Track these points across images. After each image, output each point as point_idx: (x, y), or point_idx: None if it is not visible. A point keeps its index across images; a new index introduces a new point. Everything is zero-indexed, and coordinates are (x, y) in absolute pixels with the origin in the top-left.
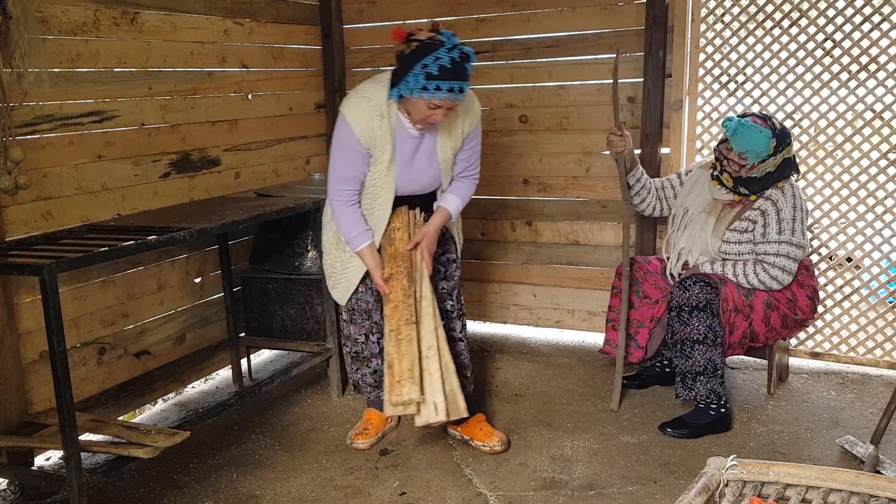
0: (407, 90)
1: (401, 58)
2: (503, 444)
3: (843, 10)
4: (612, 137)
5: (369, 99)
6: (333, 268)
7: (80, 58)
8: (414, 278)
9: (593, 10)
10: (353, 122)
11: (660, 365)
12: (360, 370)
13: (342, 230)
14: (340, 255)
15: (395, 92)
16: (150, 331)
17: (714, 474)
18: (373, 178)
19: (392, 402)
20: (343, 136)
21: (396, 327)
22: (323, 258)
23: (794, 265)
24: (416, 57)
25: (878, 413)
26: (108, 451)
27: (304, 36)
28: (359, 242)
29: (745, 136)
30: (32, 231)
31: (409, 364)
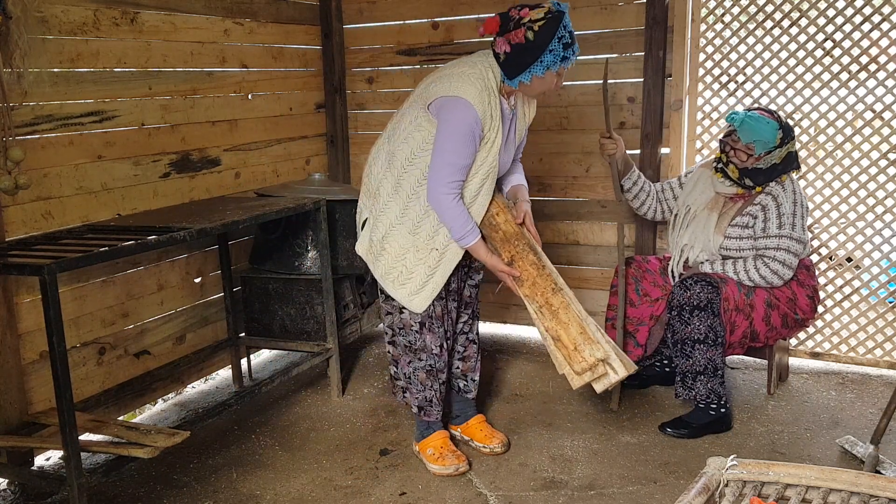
0: (542, 69)
1: (526, 44)
2: (503, 446)
3: (843, 10)
4: (603, 141)
5: (480, 79)
6: (412, 273)
7: (80, 58)
8: (537, 251)
9: (593, 10)
10: (476, 104)
11: (660, 364)
12: (433, 385)
13: (454, 227)
14: (424, 258)
15: (528, 75)
16: (150, 331)
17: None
18: (481, 164)
19: (577, 372)
20: (464, 121)
21: (544, 301)
22: (385, 265)
23: (795, 259)
24: (549, 33)
25: (878, 413)
26: (108, 451)
27: (304, 36)
28: (473, 236)
29: (752, 126)
30: (32, 231)
31: (578, 328)
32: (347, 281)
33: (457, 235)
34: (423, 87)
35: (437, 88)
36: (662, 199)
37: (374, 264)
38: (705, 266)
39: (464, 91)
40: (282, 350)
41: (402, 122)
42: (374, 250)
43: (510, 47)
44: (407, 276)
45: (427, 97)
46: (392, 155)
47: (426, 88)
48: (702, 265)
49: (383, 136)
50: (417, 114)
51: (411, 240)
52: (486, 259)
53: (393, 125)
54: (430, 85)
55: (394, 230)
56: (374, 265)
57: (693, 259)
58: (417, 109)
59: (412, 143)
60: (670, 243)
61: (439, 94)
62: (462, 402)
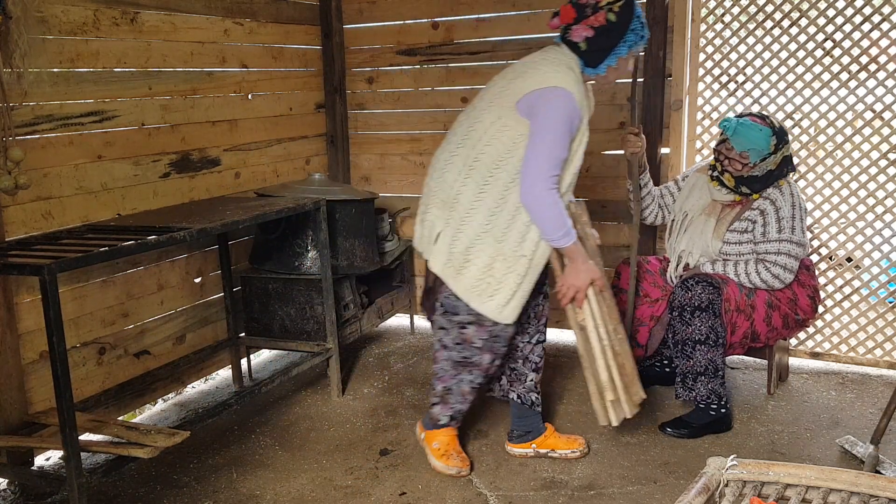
0: (626, 49)
1: (608, 25)
2: (587, 445)
3: (843, 10)
4: (631, 137)
5: (570, 69)
6: (500, 283)
7: (80, 58)
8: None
9: None
10: (576, 94)
11: (660, 364)
12: (471, 400)
13: (554, 226)
14: (513, 266)
15: (613, 58)
16: (150, 331)
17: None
18: (572, 160)
19: (635, 403)
20: (564, 110)
21: (615, 326)
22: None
23: (796, 263)
24: (629, 12)
25: (878, 413)
26: (108, 451)
27: (304, 36)
28: (572, 235)
29: (745, 135)
30: (32, 231)
31: (632, 362)
32: (347, 281)
33: (555, 235)
34: (500, 87)
35: (523, 84)
36: (663, 204)
37: (454, 279)
38: (706, 266)
39: (560, 80)
40: (282, 350)
41: (478, 125)
42: (455, 264)
43: (593, 31)
44: (496, 288)
45: (512, 95)
46: (474, 160)
47: (505, 87)
48: (703, 265)
49: (452, 143)
50: (501, 114)
51: (498, 248)
52: (581, 263)
53: (465, 130)
54: (510, 83)
55: (479, 240)
56: (454, 280)
57: (693, 264)
58: (500, 110)
59: (498, 145)
60: (668, 249)
61: (530, 88)
62: (534, 416)
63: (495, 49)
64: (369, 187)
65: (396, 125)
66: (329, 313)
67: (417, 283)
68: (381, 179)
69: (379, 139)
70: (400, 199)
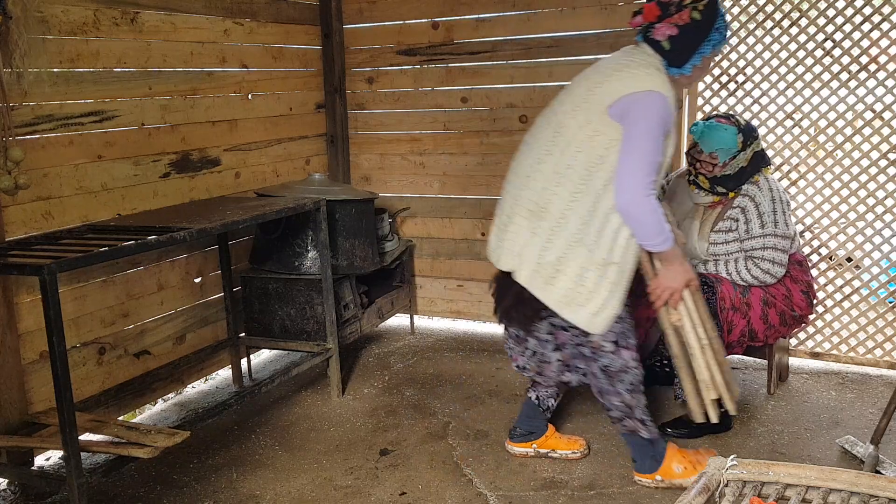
0: (710, 48)
1: (693, 23)
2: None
3: (843, 10)
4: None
5: (659, 71)
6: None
7: (80, 58)
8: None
9: (593, 10)
10: (669, 96)
11: (659, 364)
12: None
13: (657, 230)
14: (604, 274)
15: (698, 57)
16: (150, 331)
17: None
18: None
19: (735, 400)
20: (661, 115)
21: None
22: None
23: (784, 256)
24: (714, 10)
25: (878, 413)
26: (108, 451)
27: (304, 36)
28: (671, 239)
29: (711, 136)
30: (32, 231)
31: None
32: (347, 281)
33: (656, 241)
34: (584, 91)
35: (614, 87)
36: None
37: (543, 290)
38: (699, 267)
39: (654, 83)
40: (282, 350)
41: (565, 130)
42: (545, 274)
43: (677, 30)
44: (586, 297)
45: (602, 99)
46: (565, 167)
47: (591, 91)
48: (696, 267)
49: (536, 149)
50: (590, 119)
51: (589, 257)
52: (679, 265)
53: (550, 135)
54: (596, 87)
55: (570, 249)
56: (543, 291)
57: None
58: (588, 115)
59: (590, 151)
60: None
61: (623, 92)
62: (541, 419)
63: (495, 49)
64: (369, 187)
65: (396, 125)
66: (329, 313)
67: (417, 283)
68: (381, 179)
69: (379, 139)
70: (400, 199)
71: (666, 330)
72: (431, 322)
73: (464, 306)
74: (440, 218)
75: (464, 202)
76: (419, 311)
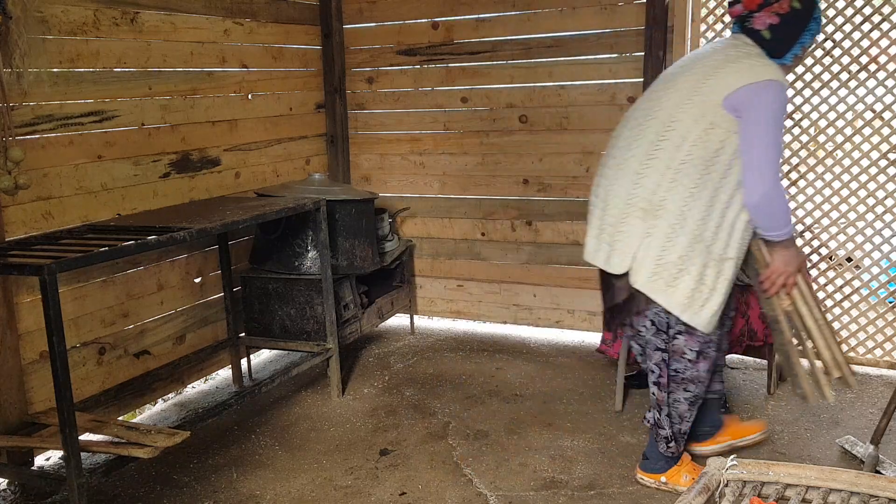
0: (809, 38)
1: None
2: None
3: (843, 10)
4: None
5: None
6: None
7: (80, 58)
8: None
9: (593, 10)
10: (786, 85)
11: None
12: (691, 418)
13: (786, 218)
14: (721, 270)
15: (798, 46)
16: (150, 331)
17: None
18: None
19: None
20: (781, 104)
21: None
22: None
23: None
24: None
25: (878, 413)
26: (108, 451)
27: (304, 36)
28: (791, 224)
29: None
30: (32, 231)
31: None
32: (347, 281)
33: (785, 229)
34: (692, 85)
35: (729, 80)
36: None
37: (664, 293)
38: None
39: (772, 73)
40: (282, 350)
41: (677, 125)
42: (665, 276)
43: (778, 18)
44: (707, 297)
45: (716, 92)
46: (680, 162)
47: (701, 84)
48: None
49: (643, 146)
50: (704, 112)
51: (707, 254)
52: (795, 249)
53: (659, 131)
54: (706, 79)
55: (691, 247)
56: (665, 294)
57: None
58: (702, 108)
59: (708, 145)
60: None
61: (740, 83)
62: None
63: (495, 49)
64: (369, 187)
65: (396, 125)
66: (329, 313)
67: (417, 283)
68: (381, 179)
69: (379, 139)
70: (400, 199)
71: (777, 317)
72: (431, 322)
73: (464, 306)
74: (440, 218)
75: (464, 202)
76: (419, 311)
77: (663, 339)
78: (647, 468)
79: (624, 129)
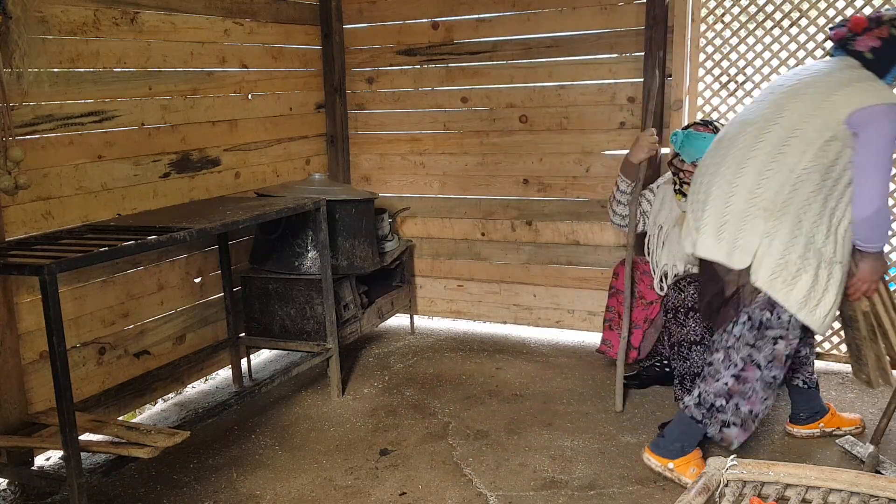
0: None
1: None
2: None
3: (843, 10)
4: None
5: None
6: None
7: (80, 58)
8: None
9: (593, 10)
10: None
11: (659, 364)
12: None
13: (886, 233)
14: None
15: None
16: (150, 331)
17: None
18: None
19: None
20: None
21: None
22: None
23: None
24: None
25: (878, 413)
26: (108, 451)
27: (304, 36)
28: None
29: (692, 145)
30: (32, 231)
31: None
32: (347, 281)
33: (881, 243)
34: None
35: (854, 98)
36: (641, 211)
37: (784, 291)
38: (696, 267)
39: (892, 97)
40: (282, 350)
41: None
42: (786, 275)
43: (880, 42)
44: (821, 297)
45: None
46: (802, 168)
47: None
48: (690, 270)
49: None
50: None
51: (819, 256)
52: (881, 260)
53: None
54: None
55: (808, 248)
56: (784, 293)
57: (681, 272)
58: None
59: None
60: (651, 263)
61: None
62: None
63: (495, 49)
64: (369, 187)
65: (396, 125)
66: (329, 313)
67: (417, 283)
68: (381, 179)
69: (379, 139)
70: (400, 199)
71: (856, 316)
72: (431, 322)
73: (464, 306)
74: (440, 218)
75: (464, 202)
76: (419, 311)
77: (754, 336)
78: (660, 449)
79: (740, 131)
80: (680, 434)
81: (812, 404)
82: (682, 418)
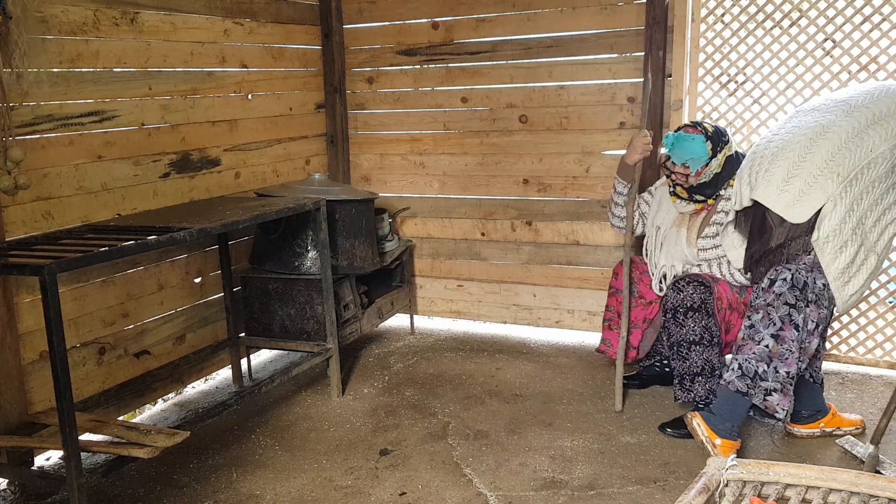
0: None
1: None
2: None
3: (843, 10)
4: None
5: None
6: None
7: (80, 58)
8: None
9: (593, 10)
10: None
11: (659, 364)
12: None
13: None
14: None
15: None
16: (150, 331)
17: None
18: None
19: None
20: None
21: None
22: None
23: None
24: None
25: (878, 413)
26: (108, 451)
27: (304, 36)
28: None
29: (681, 147)
30: (32, 231)
31: None
32: (347, 281)
33: None
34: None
35: None
36: (639, 213)
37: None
38: (694, 269)
39: None
40: (282, 350)
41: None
42: (837, 242)
43: None
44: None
45: None
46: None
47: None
48: (690, 270)
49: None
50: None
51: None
52: None
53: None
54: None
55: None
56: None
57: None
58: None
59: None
60: (649, 265)
61: None
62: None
63: (495, 49)
64: (369, 187)
65: (396, 125)
66: (329, 313)
67: (417, 283)
68: (381, 179)
69: (379, 139)
70: (400, 199)
71: None
72: (431, 322)
73: (464, 306)
74: (440, 218)
75: (464, 202)
76: (419, 311)
77: (795, 296)
78: (712, 423)
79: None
80: (729, 412)
81: (815, 401)
82: (727, 395)
